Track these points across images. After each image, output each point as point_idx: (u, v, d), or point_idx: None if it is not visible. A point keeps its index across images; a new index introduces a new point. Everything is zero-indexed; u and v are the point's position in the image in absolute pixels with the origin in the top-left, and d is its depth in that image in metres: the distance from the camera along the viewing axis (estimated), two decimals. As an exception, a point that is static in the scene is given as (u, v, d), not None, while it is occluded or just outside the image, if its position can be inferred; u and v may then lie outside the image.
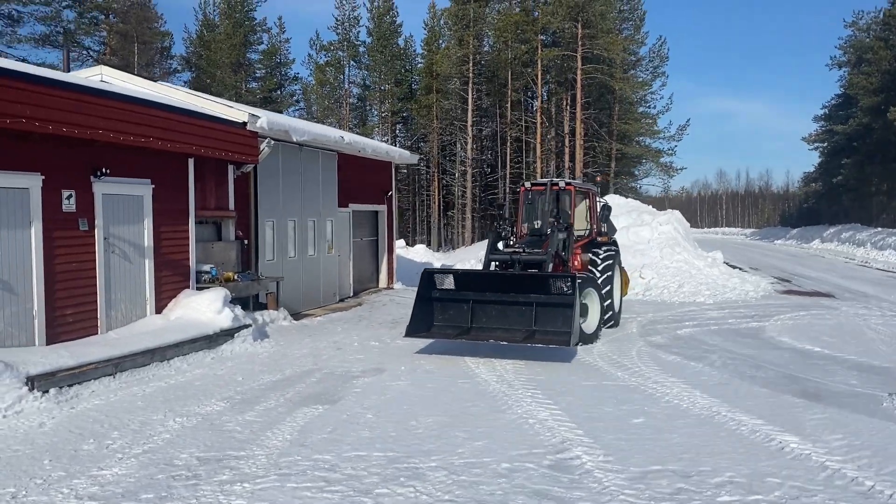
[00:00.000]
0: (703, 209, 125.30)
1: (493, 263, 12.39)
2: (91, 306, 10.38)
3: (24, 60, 35.34)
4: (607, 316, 12.99)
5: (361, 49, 53.16)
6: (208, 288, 12.35)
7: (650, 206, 28.09)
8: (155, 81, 15.17)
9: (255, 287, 13.88)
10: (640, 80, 48.94)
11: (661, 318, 14.87)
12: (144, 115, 10.91)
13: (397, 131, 55.55)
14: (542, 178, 41.94)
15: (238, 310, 12.20)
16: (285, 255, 15.87)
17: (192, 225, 12.62)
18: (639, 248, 22.42)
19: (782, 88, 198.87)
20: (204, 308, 11.64)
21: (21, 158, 9.23)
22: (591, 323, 11.95)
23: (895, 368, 9.85)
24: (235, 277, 13.36)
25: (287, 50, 54.96)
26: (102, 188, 10.56)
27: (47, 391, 8.07)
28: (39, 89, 8.88)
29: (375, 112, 53.65)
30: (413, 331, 11.14)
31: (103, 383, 8.86)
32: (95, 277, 10.44)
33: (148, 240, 11.54)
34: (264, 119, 13.85)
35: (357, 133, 43.32)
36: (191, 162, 12.52)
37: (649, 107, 51.46)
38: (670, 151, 49.93)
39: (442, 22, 50.99)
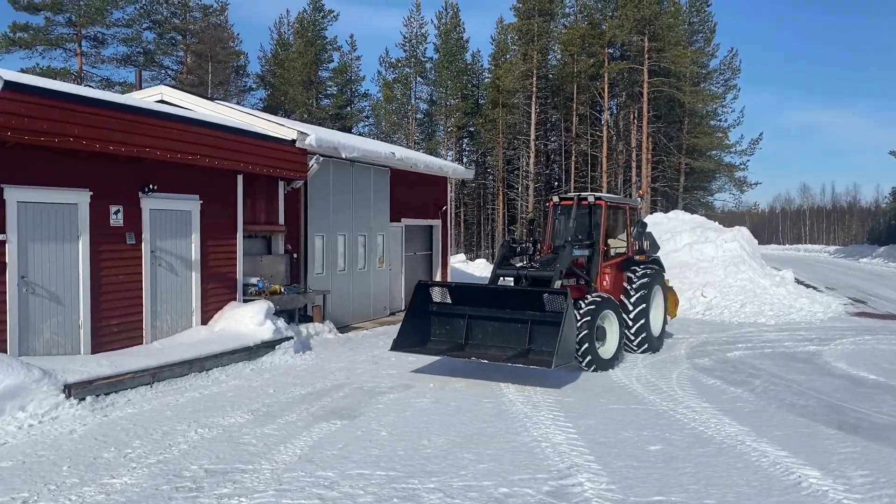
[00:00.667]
0: (785, 225, 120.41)
1: (501, 278, 11.93)
2: (136, 317, 10.79)
3: (107, 80, 37.40)
4: (639, 339, 12.34)
5: (428, 65, 53.75)
6: (254, 300, 12.66)
7: (716, 223, 27.24)
8: (213, 100, 15.71)
9: (301, 300, 14.14)
10: (711, 92, 47.66)
11: (714, 340, 14.38)
12: (193, 134, 11.32)
13: (463, 146, 55.82)
14: (607, 192, 41.31)
15: (281, 322, 12.45)
16: (335, 269, 16.13)
17: (240, 239, 12.97)
18: (702, 266, 21.76)
19: (869, 100, 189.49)
20: (246, 320, 11.93)
21: (70, 175, 9.72)
22: (608, 348, 11.33)
23: (954, 400, 9.20)
24: (282, 290, 13.64)
25: (357, 67, 56.01)
26: (150, 203, 10.99)
27: (83, 399, 8.42)
28: (86, 109, 9.33)
29: (442, 127, 54.02)
30: (399, 344, 10.85)
31: (140, 392, 9.18)
32: (141, 289, 10.86)
33: (195, 253, 11.91)
34: (313, 136, 14.14)
35: (423, 149, 43.80)
36: (240, 178, 12.89)
37: (720, 120, 50.08)
38: (742, 166, 48.43)
39: (508, 37, 51.06)
